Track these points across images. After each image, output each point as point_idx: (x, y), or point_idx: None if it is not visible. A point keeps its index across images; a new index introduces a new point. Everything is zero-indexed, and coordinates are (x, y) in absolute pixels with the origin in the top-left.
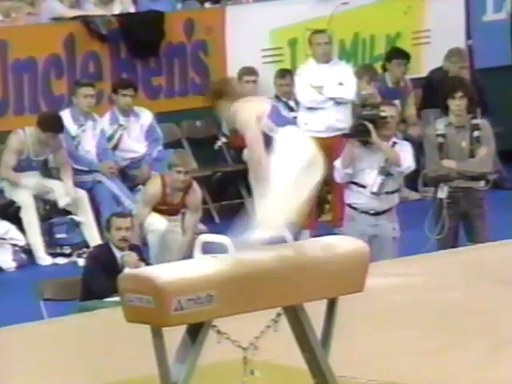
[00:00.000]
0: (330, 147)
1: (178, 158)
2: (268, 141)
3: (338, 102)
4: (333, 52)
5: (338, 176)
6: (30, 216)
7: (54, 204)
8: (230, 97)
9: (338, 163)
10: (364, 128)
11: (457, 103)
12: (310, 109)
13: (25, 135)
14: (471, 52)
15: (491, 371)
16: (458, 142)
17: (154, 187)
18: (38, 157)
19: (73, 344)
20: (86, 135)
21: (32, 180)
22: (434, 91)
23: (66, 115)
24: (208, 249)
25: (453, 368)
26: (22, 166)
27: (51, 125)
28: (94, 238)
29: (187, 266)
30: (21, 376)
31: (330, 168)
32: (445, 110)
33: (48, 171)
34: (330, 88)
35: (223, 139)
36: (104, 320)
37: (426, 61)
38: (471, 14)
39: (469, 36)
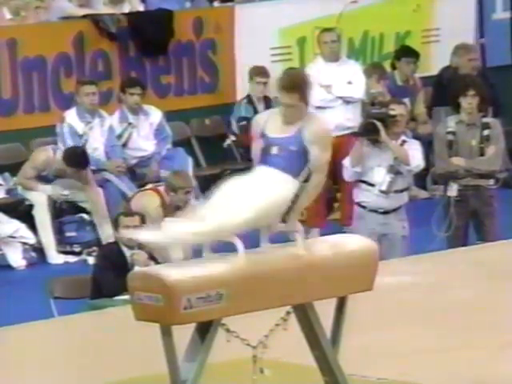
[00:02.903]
0: (339, 146)
1: (181, 179)
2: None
3: (347, 101)
4: (342, 50)
5: (347, 174)
6: (43, 215)
7: (64, 202)
8: (304, 98)
9: (346, 162)
10: (373, 127)
11: (468, 101)
12: (319, 108)
13: (54, 158)
14: (483, 51)
15: (502, 369)
16: (468, 140)
17: (154, 207)
18: (57, 176)
19: (83, 342)
20: (94, 132)
21: (48, 187)
22: (445, 89)
23: (72, 114)
24: (217, 247)
25: (462, 366)
26: (41, 177)
27: (76, 161)
28: (108, 235)
29: (197, 265)
30: (31, 373)
31: (339, 166)
32: (456, 108)
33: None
34: (338, 87)
35: (232, 137)
36: (113, 318)
37: (436, 59)
38: (481, 13)
39: (481, 35)
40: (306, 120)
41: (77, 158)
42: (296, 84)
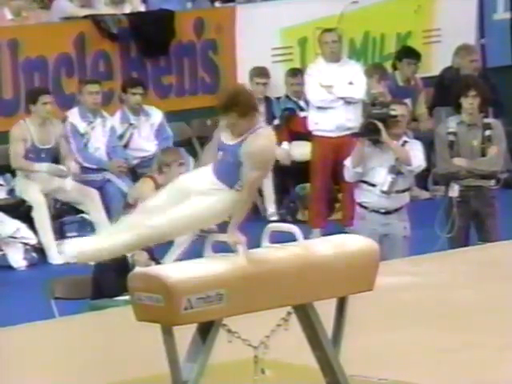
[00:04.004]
0: (340, 147)
1: (172, 153)
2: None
3: (348, 102)
4: (343, 51)
5: (348, 175)
6: (42, 215)
7: (64, 203)
8: (243, 114)
9: (348, 162)
10: (374, 127)
11: (469, 101)
12: (320, 108)
13: (26, 124)
14: (484, 51)
15: (503, 369)
16: (469, 141)
17: (149, 190)
18: (43, 144)
19: (83, 342)
20: (96, 132)
21: (43, 167)
22: (446, 90)
23: (74, 113)
24: (218, 247)
25: (463, 367)
26: (31, 158)
27: (37, 92)
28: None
29: (197, 265)
30: (32, 373)
31: (340, 167)
32: (457, 109)
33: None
34: (339, 87)
35: None
36: (114, 319)
37: (437, 59)
38: (481, 13)
39: (482, 35)
40: (252, 133)
41: (35, 91)
42: (231, 103)
